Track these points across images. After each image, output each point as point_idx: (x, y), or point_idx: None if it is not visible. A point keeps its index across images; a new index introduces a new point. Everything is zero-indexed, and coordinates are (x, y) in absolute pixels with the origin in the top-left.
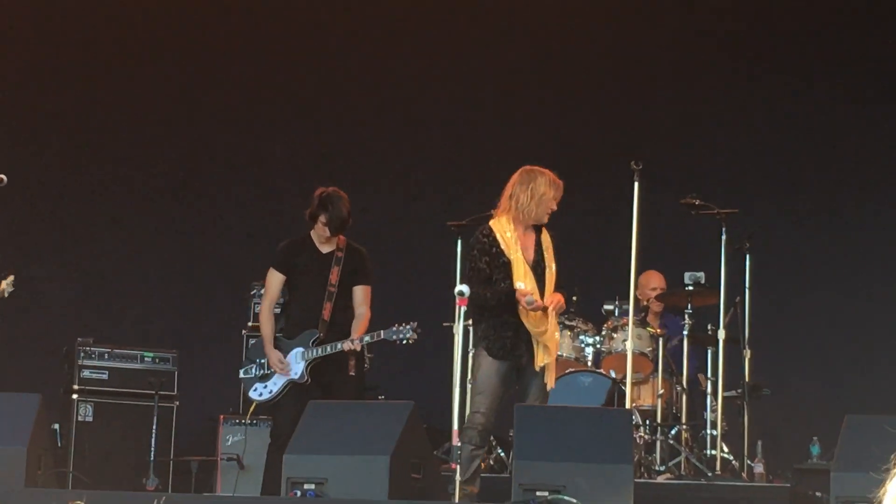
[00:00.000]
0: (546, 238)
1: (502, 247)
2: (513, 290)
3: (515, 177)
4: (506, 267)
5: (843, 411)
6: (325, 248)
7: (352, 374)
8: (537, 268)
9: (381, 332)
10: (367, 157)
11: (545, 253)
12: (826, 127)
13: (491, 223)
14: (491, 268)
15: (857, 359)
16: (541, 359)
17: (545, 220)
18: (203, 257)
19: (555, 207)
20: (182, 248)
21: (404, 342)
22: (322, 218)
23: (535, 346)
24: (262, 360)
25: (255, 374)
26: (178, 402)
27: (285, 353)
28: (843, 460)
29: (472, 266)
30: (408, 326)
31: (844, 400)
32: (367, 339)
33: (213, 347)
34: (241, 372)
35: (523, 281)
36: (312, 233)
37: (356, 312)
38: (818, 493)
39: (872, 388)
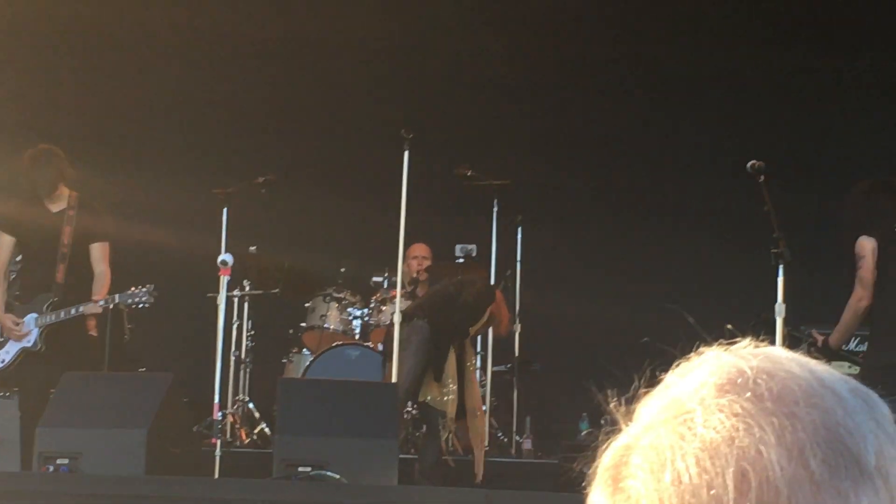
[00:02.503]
0: None
1: None
2: None
3: None
4: None
5: (613, 387)
6: (54, 207)
7: (92, 333)
8: None
9: (117, 295)
10: (133, 122)
11: None
12: (598, 101)
13: None
14: None
15: (625, 336)
16: None
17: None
18: None
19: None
20: None
21: (141, 306)
22: (34, 179)
23: None
24: None
25: None
26: None
27: (20, 318)
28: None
29: None
30: (144, 290)
31: (614, 376)
32: (101, 303)
33: None
34: None
35: None
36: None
37: (95, 271)
38: (586, 470)
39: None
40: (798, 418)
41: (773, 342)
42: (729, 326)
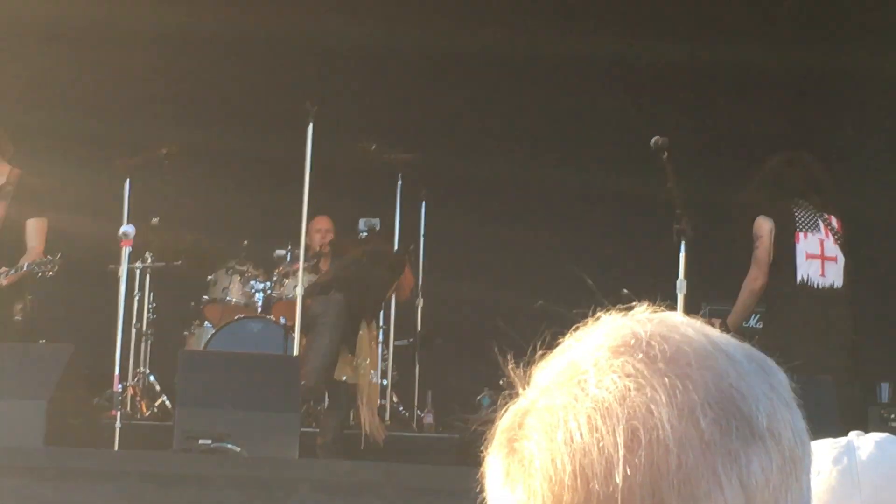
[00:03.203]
0: None
1: None
2: None
3: None
4: None
5: (512, 352)
6: None
7: (17, 318)
8: None
9: (25, 264)
10: (35, 88)
11: None
12: (504, 78)
13: None
14: None
15: (526, 312)
16: None
17: None
18: None
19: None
20: None
21: (48, 275)
22: None
23: None
24: None
25: None
26: None
27: None
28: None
29: None
30: (49, 258)
31: (514, 343)
32: (11, 272)
33: None
34: None
35: None
36: None
37: (27, 246)
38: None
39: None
40: (690, 379)
41: None
42: (625, 291)
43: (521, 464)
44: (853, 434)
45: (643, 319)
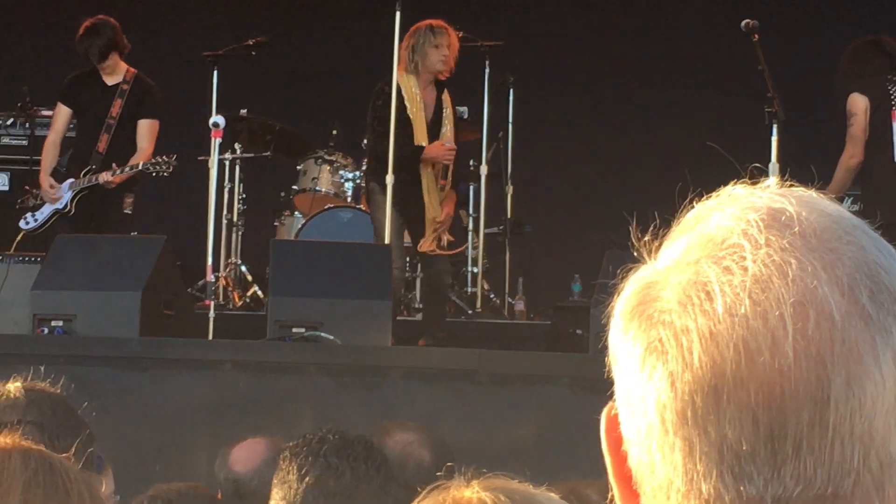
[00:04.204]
0: (446, 97)
1: (405, 101)
2: (418, 149)
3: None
4: (407, 123)
5: (603, 248)
6: (110, 81)
7: (127, 211)
8: (433, 127)
9: (140, 163)
10: None
11: (444, 111)
12: None
13: (397, 76)
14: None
15: (617, 196)
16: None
17: (438, 68)
18: None
19: (442, 55)
20: None
21: (162, 174)
22: (86, 47)
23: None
24: (38, 191)
25: (30, 205)
26: None
27: (60, 183)
28: (603, 296)
29: (375, 116)
30: (165, 158)
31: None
32: (120, 171)
33: None
34: (22, 222)
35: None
36: (100, 65)
37: (138, 147)
38: (578, 331)
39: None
40: (841, 254)
41: None
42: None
43: (672, 337)
44: None
45: (785, 193)
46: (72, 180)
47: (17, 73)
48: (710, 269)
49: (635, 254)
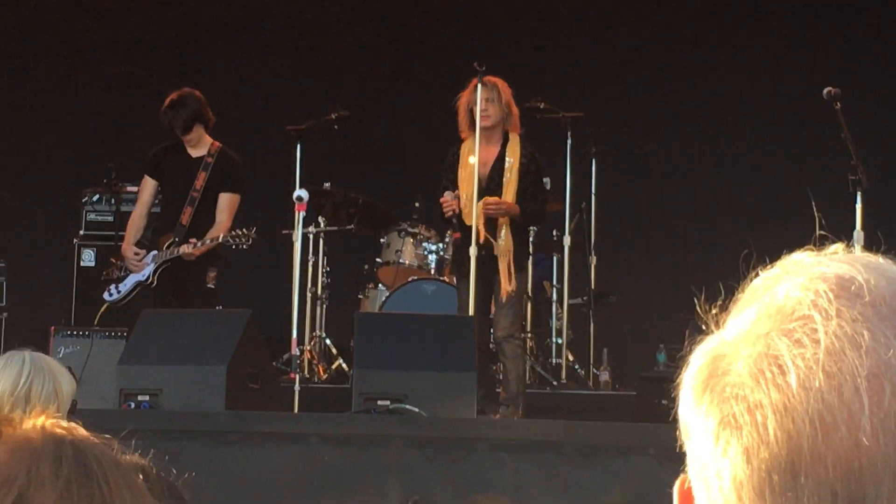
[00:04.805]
0: (512, 148)
1: (459, 164)
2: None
3: None
4: (453, 184)
5: (687, 319)
6: (195, 153)
7: (210, 286)
8: (491, 181)
9: (220, 235)
10: (206, 59)
11: (506, 161)
12: (674, 33)
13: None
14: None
15: (702, 265)
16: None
17: (481, 123)
18: (32, 165)
19: (482, 108)
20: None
21: (242, 247)
22: (171, 118)
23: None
24: (122, 263)
25: (114, 277)
26: (6, 314)
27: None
28: None
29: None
30: (245, 231)
31: (691, 308)
32: (200, 244)
33: (43, 257)
34: (105, 293)
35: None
36: (184, 137)
37: (216, 219)
38: (664, 402)
39: (718, 296)
40: None
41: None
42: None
43: (746, 411)
44: None
45: (853, 261)
46: (155, 252)
47: (103, 150)
48: (781, 342)
49: (703, 326)
